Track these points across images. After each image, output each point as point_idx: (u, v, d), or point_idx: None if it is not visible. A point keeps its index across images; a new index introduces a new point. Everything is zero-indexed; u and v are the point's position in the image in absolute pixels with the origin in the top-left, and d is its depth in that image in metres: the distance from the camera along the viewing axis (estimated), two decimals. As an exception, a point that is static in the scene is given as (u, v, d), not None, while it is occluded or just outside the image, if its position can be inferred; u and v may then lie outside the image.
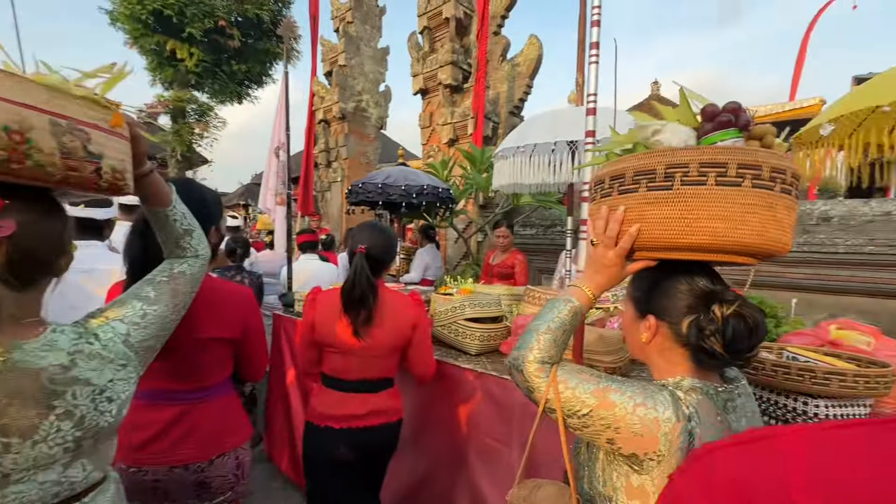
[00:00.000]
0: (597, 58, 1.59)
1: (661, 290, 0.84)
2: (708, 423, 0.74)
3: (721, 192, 0.73)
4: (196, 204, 1.18)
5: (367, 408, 1.60)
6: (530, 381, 0.86)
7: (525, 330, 0.92)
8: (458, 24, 6.66)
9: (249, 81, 11.49)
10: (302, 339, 1.64)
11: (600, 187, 0.91)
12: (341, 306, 1.53)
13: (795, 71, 10.28)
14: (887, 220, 3.76)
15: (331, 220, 8.93)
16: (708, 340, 0.76)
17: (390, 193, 3.51)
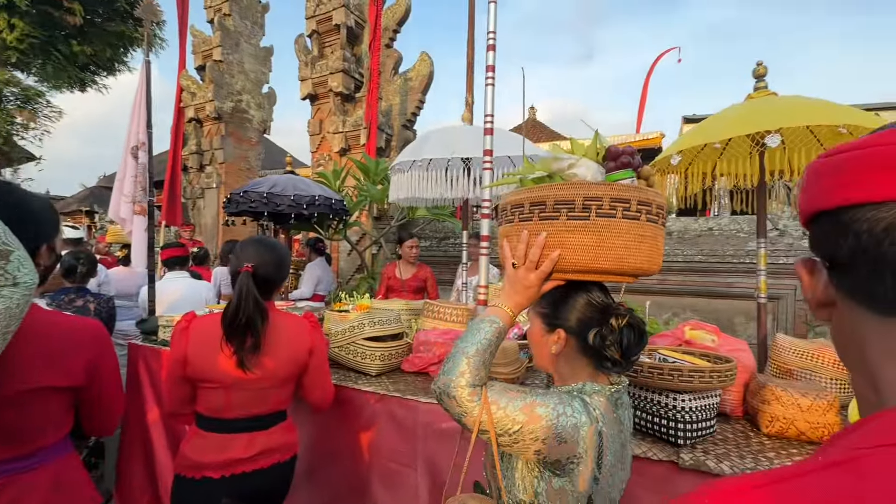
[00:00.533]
0: (492, 80, 1.66)
1: (568, 307, 0.92)
2: (609, 421, 0.86)
3: (626, 224, 0.87)
4: (16, 216, 0.92)
5: (256, 448, 1.40)
6: (463, 406, 0.85)
7: (451, 354, 0.91)
8: (349, 32, 6.52)
9: (96, 67, 9.73)
10: (170, 375, 1.37)
11: (519, 211, 0.97)
12: (223, 334, 1.32)
13: (640, 108, 12.25)
14: (710, 234, 4.62)
15: (204, 232, 7.95)
16: (609, 349, 0.87)
17: (277, 203, 3.23)
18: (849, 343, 0.39)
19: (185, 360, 1.34)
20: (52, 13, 8.24)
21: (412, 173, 2.67)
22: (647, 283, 4.77)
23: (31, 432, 1.02)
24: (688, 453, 1.27)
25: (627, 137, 7.85)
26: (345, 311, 2.83)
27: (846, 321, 0.39)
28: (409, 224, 5.35)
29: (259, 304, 1.33)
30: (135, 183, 2.63)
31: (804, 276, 0.42)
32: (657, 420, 1.35)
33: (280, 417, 1.50)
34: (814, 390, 1.41)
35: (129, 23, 9.21)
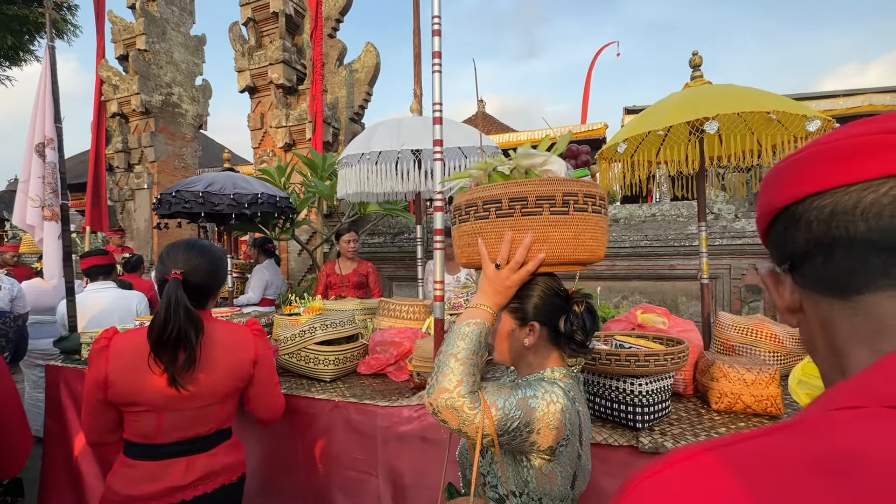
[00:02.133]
0: (439, 67, 1.59)
1: (537, 299, 0.95)
2: (581, 399, 0.94)
3: (595, 217, 0.94)
4: None
5: (196, 473, 1.26)
6: (464, 415, 0.82)
7: (439, 362, 0.88)
8: (288, 20, 6.19)
9: (-3, 56, 8.66)
10: (90, 400, 1.20)
11: (495, 206, 0.94)
12: (150, 350, 1.17)
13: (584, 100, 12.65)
14: (653, 220, 4.84)
15: (137, 237, 7.34)
16: (577, 333, 0.93)
17: (215, 203, 2.99)
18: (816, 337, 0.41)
19: (105, 382, 1.17)
20: (-64, -6, 7.22)
21: (360, 167, 2.56)
22: (597, 268, 4.93)
23: None
24: (646, 436, 1.29)
25: (574, 128, 8.06)
26: (295, 315, 2.68)
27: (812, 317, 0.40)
28: (360, 221, 5.20)
29: (191, 315, 1.19)
30: (43, 184, 2.32)
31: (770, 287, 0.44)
32: (616, 406, 1.36)
33: (223, 436, 1.37)
34: (756, 365, 1.48)
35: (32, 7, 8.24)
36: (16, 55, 8.83)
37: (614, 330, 1.75)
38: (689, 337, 1.64)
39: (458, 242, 1.04)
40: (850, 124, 0.37)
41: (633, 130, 2.06)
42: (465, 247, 1.01)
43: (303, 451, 1.76)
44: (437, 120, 1.58)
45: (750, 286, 4.43)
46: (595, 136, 7.79)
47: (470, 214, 0.98)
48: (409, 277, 5.73)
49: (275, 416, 1.48)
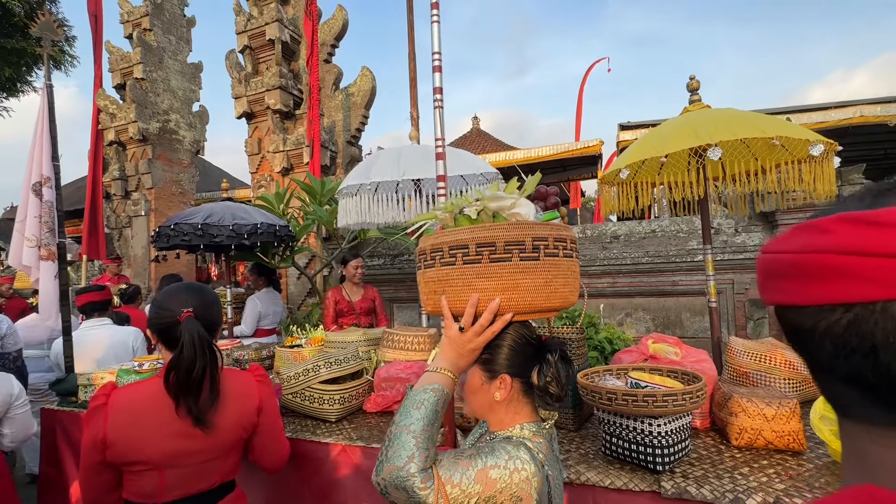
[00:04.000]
0: (441, 102, 1.59)
1: (507, 350, 0.90)
2: (551, 461, 0.86)
3: (567, 262, 0.90)
4: None
5: None
6: (416, 496, 0.75)
7: (393, 433, 0.80)
8: (284, 47, 6.27)
9: (-6, 88, 8.72)
10: (87, 462, 1.14)
11: (462, 252, 0.88)
12: (172, 398, 1.14)
13: (577, 116, 12.79)
14: (653, 236, 4.84)
15: (134, 264, 7.28)
16: (551, 385, 0.87)
17: (214, 235, 2.96)
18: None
19: (104, 442, 1.12)
20: (-66, 29, 7.29)
21: (360, 197, 2.54)
22: (599, 286, 4.90)
23: None
24: (668, 480, 1.24)
25: (568, 147, 8.12)
26: (297, 347, 2.63)
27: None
28: (360, 244, 5.17)
29: (214, 350, 1.19)
30: (39, 224, 2.29)
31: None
32: (634, 447, 1.31)
33: (227, 489, 1.31)
34: (776, 398, 1.44)
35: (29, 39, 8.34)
36: (13, 87, 8.89)
37: (626, 362, 1.71)
38: (703, 369, 1.61)
39: (424, 290, 0.97)
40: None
41: (634, 156, 2.06)
42: (430, 294, 0.94)
43: (310, 499, 1.69)
44: (439, 155, 1.57)
45: (754, 301, 4.40)
46: (591, 152, 7.85)
47: (436, 260, 0.92)
48: (409, 299, 5.68)
49: (280, 463, 1.43)
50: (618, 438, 1.36)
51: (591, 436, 1.59)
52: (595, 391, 1.33)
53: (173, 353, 1.17)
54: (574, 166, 8.93)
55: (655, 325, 4.76)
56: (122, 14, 7.41)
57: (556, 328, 1.92)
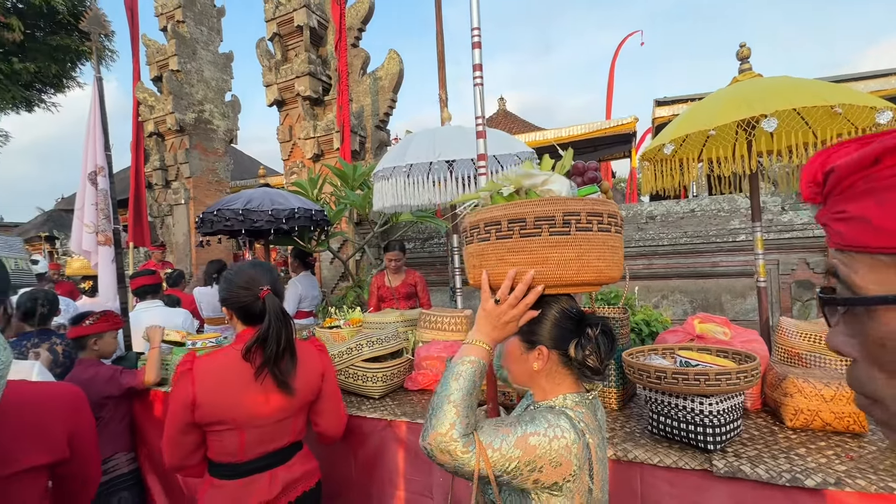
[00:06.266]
0: (481, 79, 1.56)
1: (546, 322, 0.92)
2: (593, 430, 0.88)
3: (601, 236, 0.90)
4: None
5: (279, 485, 1.31)
6: (458, 459, 0.81)
7: (435, 403, 0.86)
8: (312, 33, 6.29)
9: (42, 84, 9.15)
10: (175, 423, 1.24)
11: (495, 228, 0.93)
12: (254, 366, 1.25)
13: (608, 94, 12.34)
14: (692, 216, 4.67)
15: (176, 251, 7.61)
16: (590, 358, 0.88)
17: (254, 220, 3.06)
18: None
19: (193, 403, 1.22)
20: (-13, 30, 7.69)
21: (395, 180, 2.56)
22: (634, 268, 4.79)
23: None
24: (720, 459, 1.22)
25: (601, 125, 7.87)
26: (336, 328, 2.71)
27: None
28: (391, 229, 5.22)
29: (291, 321, 1.32)
30: (96, 211, 2.43)
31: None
32: (684, 426, 1.29)
33: (297, 448, 1.42)
34: (835, 380, 1.38)
35: (73, 35, 8.68)
36: (60, 82, 9.32)
37: (671, 342, 1.68)
38: (754, 349, 1.56)
39: (467, 264, 1.05)
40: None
41: (680, 130, 1.98)
42: (470, 268, 1.02)
43: (356, 471, 1.76)
44: (480, 134, 1.55)
45: (801, 282, 4.20)
46: (624, 130, 7.58)
47: (474, 236, 0.99)
48: (440, 282, 5.73)
49: (340, 429, 1.52)
50: (666, 417, 1.34)
51: (635, 415, 1.58)
52: (643, 370, 1.31)
53: (249, 326, 1.29)
54: (606, 145, 8.66)
55: (693, 308, 4.63)
56: (157, 7, 7.59)
57: (598, 308, 1.90)
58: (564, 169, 0.99)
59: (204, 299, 3.92)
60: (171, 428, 1.24)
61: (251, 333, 1.28)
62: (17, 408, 0.90)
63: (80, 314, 2.10)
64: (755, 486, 1.16)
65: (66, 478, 1.01)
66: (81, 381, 1.96)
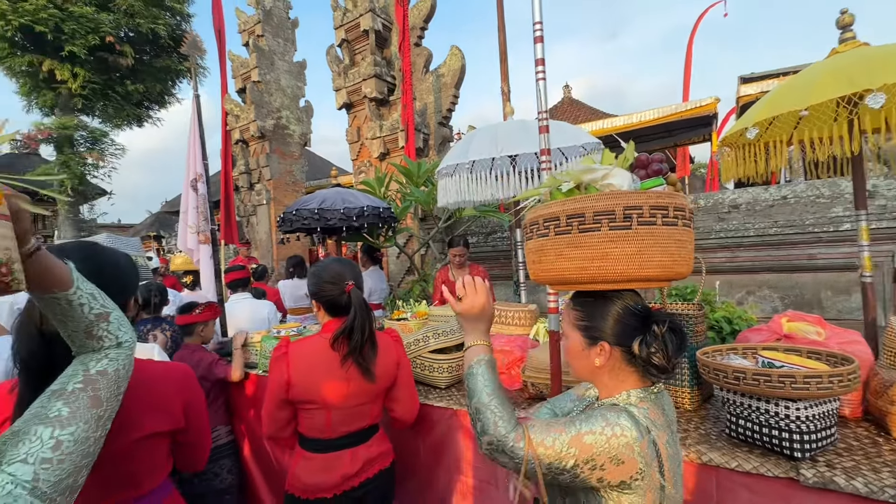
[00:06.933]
0: (543, 74, 1.55)
1: (608, 318, 0.91)
2: (660, 426, 0.86)
3: (666, 230, 0.87)
4: (108, 275, 0.95)
5: (360, 462, 1.45)
6: (514, 453, 0.83)
7: (472, 412, 0.91)
8: (377, 35, 6.53)
9: (149, 102, 10.42)
10: (273, 399, 1.42)
11: (554, 224, 0.94)
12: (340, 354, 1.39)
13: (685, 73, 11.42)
14: (785, 203, 4.22)
15: (260, 247, 8.33)
16: (655, 356, 0.85)
17: (328, 218, 3.29)
18: None
19: (288, 383, 1.38)
20: (106, 58, 8.89)
21: (458, 176, 2.61)
22: (714, 261, 4.45)
23: (146, 475, 1.08)
24: (809, 469, 1.13)
25: (676, 108, 7.34)
26: (404, 320, 2.84)
27: None
28: (455, 224, 5.30)
29: (372, 315, 1.43)
30: (197, 213, 2.76)
31: None
32: (766, 431, 1.21)
33: (375, 430, 1.55)
34: (957, 388, 1.22)
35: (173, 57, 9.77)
36: (163, 99, 10.55)
37: (754, 341, 1.57)
38: (854, 351, 1.41)
39: (528, 259, 1.06)
40: None
41: (766, 112, 1.82)
42: (530, 263, 1.03)
43: (424, 455, 1.85)
44: (542, 129, 1.55)
45: (922, 277, 3.65)
46: (704, 112, 7.00)
47: (533, 232, 1.00)
48: (503, 276, 5.72)
49: (413, 415, 1.62)
50: (746, 420, 1.27)
51: (711, 416, 1.50)
52: (719, 370, 1.25)
53: (334, 317, 1.43)
54: (682, 130, 8.06)
55: (785, 305, 4.20)
56: (239, 24, 8.29)
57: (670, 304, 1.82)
58: (627, 162, 0.97)
59: (287, 291, 4.27)
60: (269, 403, 1.41)
61: (337, 324, 1.41)
62: (144, 382, 1.07)
63: (188, 304, 2.40)
64: (851, 499, 1.07)
65: (185, 444, 1.19)
66: (189, 363, 2.25)
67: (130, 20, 8.92)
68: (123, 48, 8.81)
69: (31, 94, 9.15)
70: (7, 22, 7.81)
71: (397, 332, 1.63)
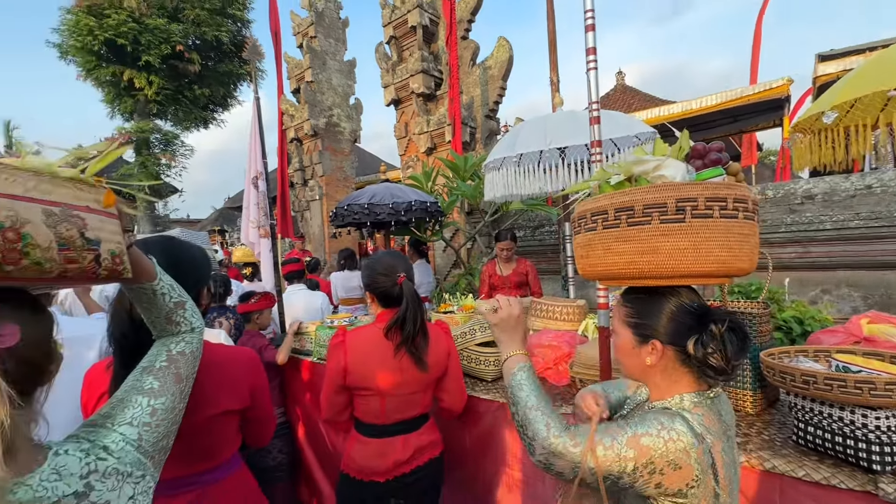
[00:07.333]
0: (595, 64, 1.51)
1: (660, 315, 0.87)
2: (716, 433, 0.81)
3: (724, 223, 0.82)
4: (185, 268, 1.06)
5: (411, 449, 1.50)
6: (570, 454, 0.80)
7: (520, 420, 0.89)
8: (424, 31, 6.58)
9: (214, 105, 11.17)
10: (331, 384, 1.50)
11: (602, 217, 0.91)
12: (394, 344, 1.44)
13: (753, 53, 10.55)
14: (869, 193, 3.82)
15: (313, 241, 8.71)
16: (712, 357, 0.81)
17: (378, 213, 3.39)
18: None
19: (345, 370, 1.46)
20: (177, 66, 9.62)
21: (505, 170, 2.59)
22: (784, 256, 4.12)
23: (218, 448, 1.19)
24: (891, 483, 1.04)
25: (742, 92, 6.82)
26: (450, 313, 2.88)
27: None
28: (502, 218, 5.27)
29: (423, 306, 1.48)
30: (258, 209, 2.95)
31: None
32: (840, 440, 1.13)
33: (425, 419, 1.59)
34: None
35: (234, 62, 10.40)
36: (225, 102, 11.28)
37: (828, 343, 1.45)
38: (949, 357, 1.27)
39: (576, 254, 1.04)
40: None
41: (847, 94, 1.66)
42: (578, 258, 1.02)
43: (471, 446, 1.88)
44: (594, 120, 1.51)
45: None
46: (774, 95, 6.45)
47: (581, 226, 0.98)
48: (550, 271, 5.62)
49: (461, 405, 1.65)
50: (816, 428, 1.18)
51: (776, 422, 1.41)
52: (786, 372, 1.17)
53: (387, 308, 1.48)
54: (749, 115, 7.47)
55: (868, 305, 3.82)
56: (294, 27, 8.65)
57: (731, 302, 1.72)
58: (682, 152, 0.93)
59: (338, 283, 4.45)
60: (327, 388, 1.49)
61: (390, 315, 1.46)
62: (218, 365, 1.18)
63: (246, 293, 2.57)
64: (941, 519, 0.97)
65: (252, 421, 1.29)
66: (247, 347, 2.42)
67: (197, 29, 9.59)
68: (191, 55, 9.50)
69: (114, 101, 10.10)
70: (94, 37, 8.66)
71: (447, 324, 1.66)
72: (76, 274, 0.63)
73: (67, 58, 9.33)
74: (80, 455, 0.63)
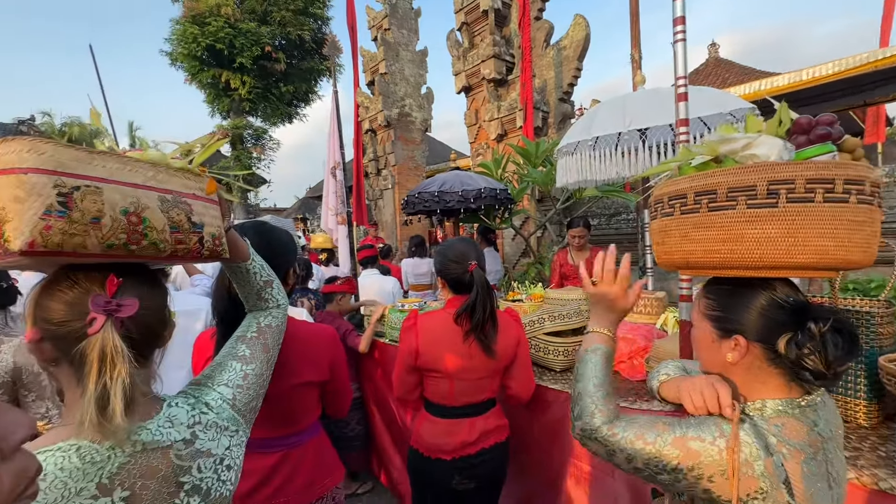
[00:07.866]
0: (683, 34, 1.39)
1: (747, 308, 0.79)
2: (797, 444, 0.72)
3: (830, 208, 0.72)
4: (276, 250, 1.16)
5: (477, 432, 1.53)
6: (608, 443, 0.81)
7: (574, 394, 0.89)
8: (496, 14, 6.45)
9: (297, 101, 11.97)
10: (403, 365, 1.57)
11: (680, 202, 0.84)
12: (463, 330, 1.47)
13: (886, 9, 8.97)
14: None
15: (385, 228, 9.05)
16: (808, 359, 0.72)
17: (448, 200, 3.43)
18: None
19: (417, 352, 1.52)
20: (265, 65, 10.43)
21: (579, 155, 2.49)
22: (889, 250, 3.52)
23: (300, 415, 1.31)
24: None
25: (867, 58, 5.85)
26: (518, 301, 2.85)
27: None
28: (574, 206, 5.08)
29: (493, 294, 1.50)
30: (336, 197, 3.13)
31: None
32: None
33: (492, 404, 1.61)
34: None
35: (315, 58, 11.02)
36: (307, 97, 12.02)
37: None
38: None
39: (652, 241, 0.97)
40: None
41: None
42: (655, 246, 0.94)
43: (537, 434, 1.87)
44: (680, 97, 1.39)
45: None
46: (911, 58, 5.45)
47: (658, 212, 0.90)
48: (627, 262, 5.33)
49: (528, 393, 1.65)
50: (951, 448, 1.01)
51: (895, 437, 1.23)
52: (912, 381, 1.01)
53: (457, 294, 1.51)
54: (876, 84, 6.40)
55: None
56: (369, 20, 8.93)
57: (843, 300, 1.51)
58: (782, 127, 0.81)
59: (409, 269, 4.60)
60: (399, 368, 1.56)
61: (460, 301, 1.49)
62: (302, 339, 1.29)
63: (332, 276, 2.75)
64: None
65: (332, 393, 1.40)
66: None
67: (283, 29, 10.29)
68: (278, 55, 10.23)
69: (213, 101, 11.21)
70: (198, 44, 9.65)
71: (517, 312, 1.64)
72: (184, 253, 0.72)
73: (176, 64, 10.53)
74: (188, 408, 0.74)
